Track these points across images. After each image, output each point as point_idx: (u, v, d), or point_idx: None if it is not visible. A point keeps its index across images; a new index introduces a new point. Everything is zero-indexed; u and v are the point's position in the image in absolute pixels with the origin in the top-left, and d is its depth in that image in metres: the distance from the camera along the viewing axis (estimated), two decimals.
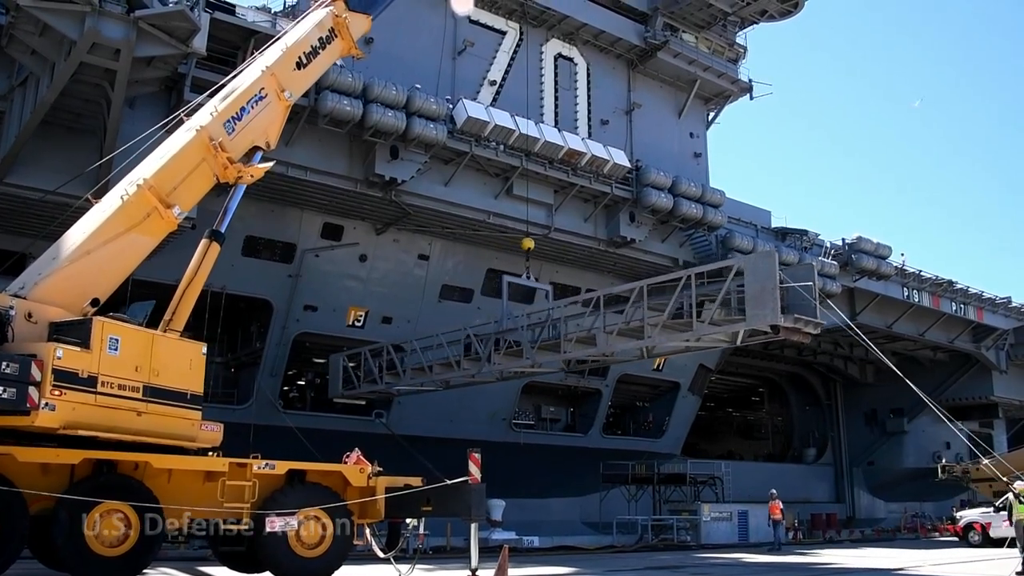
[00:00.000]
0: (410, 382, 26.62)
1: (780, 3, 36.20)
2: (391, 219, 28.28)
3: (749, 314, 19.44)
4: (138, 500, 12.34)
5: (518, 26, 31.14)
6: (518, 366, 24.43)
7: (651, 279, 22.49)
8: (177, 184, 13.93)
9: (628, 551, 30.71)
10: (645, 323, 21.31)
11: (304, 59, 16.40)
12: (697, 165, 35.94)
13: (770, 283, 19.07)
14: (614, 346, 22.34)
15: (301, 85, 16.76)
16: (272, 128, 15.74)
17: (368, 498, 15.11)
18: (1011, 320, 48.94)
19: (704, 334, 20.61)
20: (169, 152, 14.17)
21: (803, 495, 48.06)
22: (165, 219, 13.71)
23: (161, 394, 13.05)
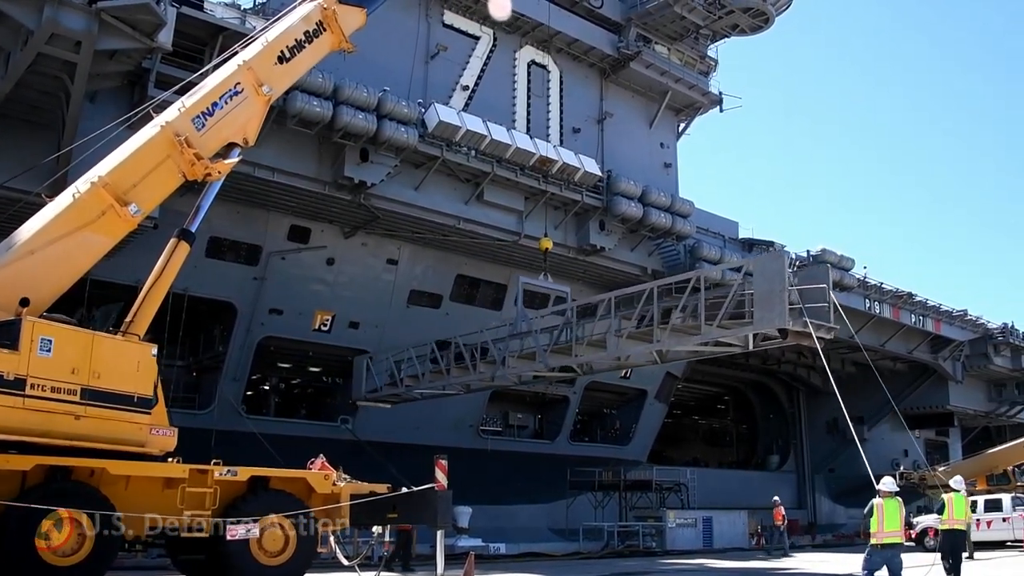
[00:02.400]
0: (429, 385, 26.47)
1: (751, 18, 36.60)
2: (360, 223, 28.01)
3: (757, 317, 19.03)
4: (93, 507, 11.98)
5: (492, 32, 31.07)
6: (532, 370, 24.21)
7: (661, 280, 22.39)
8: (137, 181, 13.36)
9: (594, 557, 30.69)
10: (656, 326, 20.81)
11: (287, 53, 15.66)
12: (667, 175, 36.05)
13: (778, 285, 18.67)
14: (625, 350, 21.82)
15: (283, 80, 16.05)
16: (250, 124, 15.09)
17: (333, 505, 14.87)
18: (967, 332, 49.57)
19: (713, 338, 20.02)
20: (129, 148, 13.72)
21: (766, 501, 48.21)
22: (122, 218, 13.17)
23: (102, 397, 12.58)
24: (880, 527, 13.30)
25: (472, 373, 25.24)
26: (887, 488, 13.41)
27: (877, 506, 13.31)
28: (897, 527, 13.39)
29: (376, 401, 28.62)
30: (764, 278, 19.21)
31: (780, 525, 33.62)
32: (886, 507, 13.32)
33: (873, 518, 13.35)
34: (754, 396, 56.07)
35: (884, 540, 13.28)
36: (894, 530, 13.35)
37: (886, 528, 13.29)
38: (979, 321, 50.06)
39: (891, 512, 13.29)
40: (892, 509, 13.31)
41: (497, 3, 30.60)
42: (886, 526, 13.30)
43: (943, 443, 56.10)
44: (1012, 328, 51.06)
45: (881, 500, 13.35)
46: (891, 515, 13.28)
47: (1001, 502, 32.61)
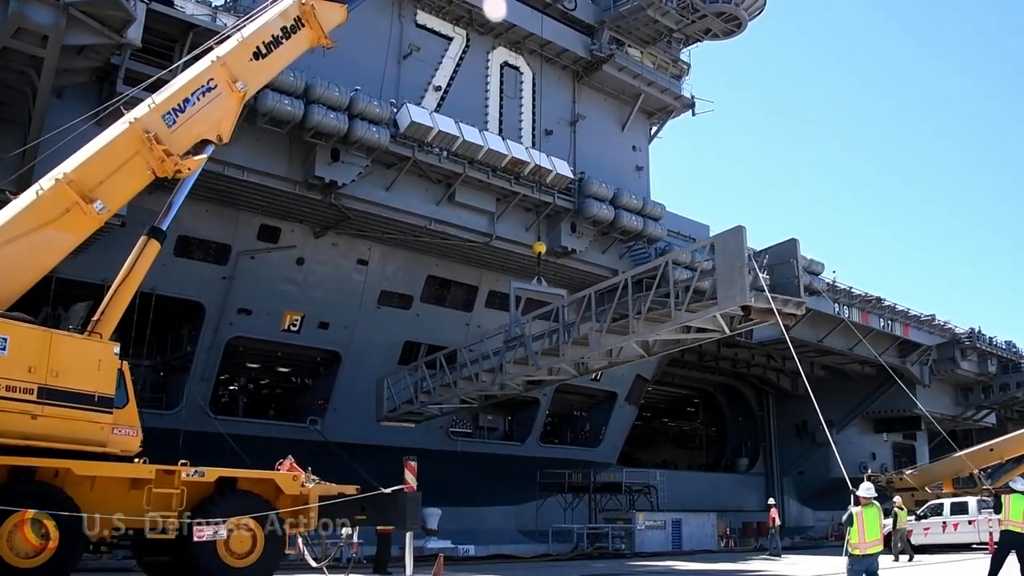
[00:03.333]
0: (438, 399, 26.67)
1: (724, 23, 36.78)
2: (330, 223, 27.84)
3: (720, 296, 18.57)
4: (58, 508, 11.83)
5: (465, 33, 30.98)
6: (526, 374, 24.21)
7: (635, 270, 22.36)
8: (103, 178, 13.17)
9: (563, 559, 30.70)
10: (631, 317, 20.70)
11: (263, 49, 15.45)
12: (639, 178, 36.11)
13: (738, 261, 18.13)
14: (605, 344, 21.68)
15: (259, 77, 15.87)
16: (225, 121, 14.92)
17: (301, 506, 14.77)
18: (935, 336, 50.14)
19: (682, 322, 19.66)
20: (97, 145, 13.51)
21: (735, 504, 48.61)
22: (88, 215, 12.97)
23: (61, 396, 12.44)
24: (861, 537, 12.67)
25: (475, 383, 25.37)
26: (866, 494, 12.84)
27: (856, 514, 12.70)
28: (877, 535, 12.76)
29: (397, 421, 28.67)
30: (725, 256, 18.68)
31: (773, 527, 34.02)
32: (866, 515, 12.69)
33: (853, 527, 12.73)
34: (723, 399, 56.38)
35: (867, 551, 12.67)
36: (875, 539, 12.74)
37: (867, 538, 12.67)
38: (947, 326, 50.69)
39: (871, 520, 12.69)
40: (872, 517, 12.71)
41: (493, 4, 30.66)
42: (867, 535, 12.67)
43: (910, 446, 56.70)
44: (979, 333, 51.74)
45: (860, 508, 12.75)
46: (871, 523, 12.67)
47: (967, 505, 32.97)
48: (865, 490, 12.86)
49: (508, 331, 25.04)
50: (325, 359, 30.88)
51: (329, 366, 30.91)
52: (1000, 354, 53.48)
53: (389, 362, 31.17)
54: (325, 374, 31.27)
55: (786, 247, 19.70)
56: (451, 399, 26.78)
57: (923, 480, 42.02)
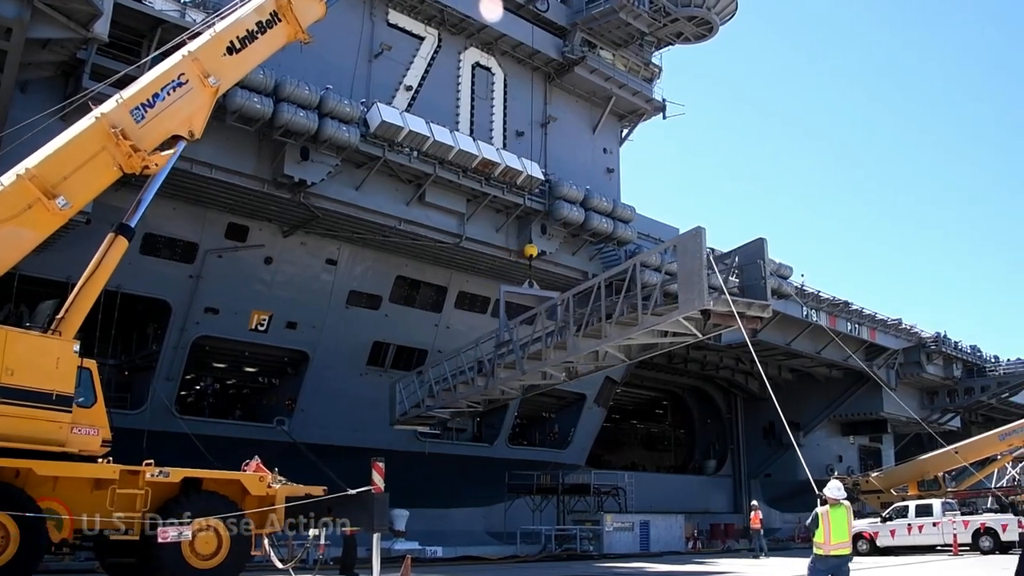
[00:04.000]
0: (442, 403, 26.80)
1: (696, 27, 37.01)
2: (299, 222, 27.64)
3: (681, 300, 18.20)
4: (18, 509, 11.64)
5: (437, 33, 30.85)
6: (515, 379, 24.20)
7: (607, 273, 22.31)
8: (67, 174, 12.96)
9: (531, 561, 30.69)
10: (603, 322, 20.56)
11: (237, 44, 15.18)
12: (609, 180, 36.14)
13: (697, 263, 17.67)
14: (583, 348, 21.50)
15: (233, 72, 15.60)
16: (197, 117, 14.68)
17: (267, 507, 14.65)
18: (901, 340, 50.75)
19: (648, 327, 19.38)
20: (62, 140, 13.32)
21: (703, 506, 48.88)
22: (50, 211, 12.75)
23: (15, 394, 12.27)
24: (827, 537, 11.96)
25: (472, 387, 25.47)
26: (833, 494, 12.14)
27: (822, 515, 12.01)
28: (845, 537, 12.07)
29: (409, 424, 28.93)
30: (685, 258, 18.23)
31: (758, 528, 34.70)
32: (832, 516, 12.00)
33: (819, 528, 12.02)
34: (692, 401, 56.67)
35: (832, 552, 11.97)
36: (842, 540, 12.03)
37: (833, 539, 11.96)
38: (913, 330, 51.29)
39: (838, 520, 11.99)
40: (839, 517, 12.02)
41: (488, 4, 30.66)
42: (833, 536, 11.97)
43: (876, 449, 57.31)
44: (945, 337, 52.40)
45: (826, 508, 12.07)
46: (838, 524, 11.98)
47: (932, 507, 33.34)
48: (833, 490, 12.19)
49: (498, 336, 25.01)
50: (293, 359, 30.68)
51: (297, 366, 30.72)
52: (965, 358, 54.23)
53: (357, 363, 31.07)
54: (293, 374, 31.08)
55: (754, 247, 19.08)
56: (455, 403, 26.86)
57: (889, 482, 42.52)
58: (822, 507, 12.11)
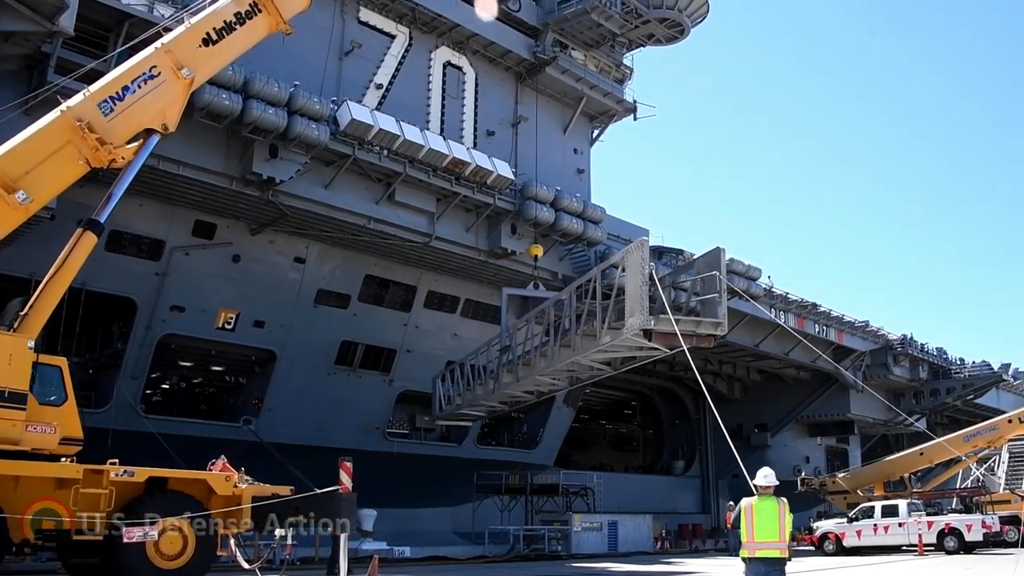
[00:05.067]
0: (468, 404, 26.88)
1: (667, 29, 37.21)
2: (267, 220, 27.43)
3: (627, 318, 17.16)
4: None
5: (408, 31, 30.73)
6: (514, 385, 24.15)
7: (577, 281, 22.27)
8: (30, 168, 12.74)
9: (499, 561, 30.64)
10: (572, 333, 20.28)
11: (214, 35, 14.94)
12: (580, 181, 36.19)
13: (639, 279, 16.56)
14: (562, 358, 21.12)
15: (210, 64, 15.38)
16: (170, 110, 14.48)
17: (234, 507, 14.53)
18: (868, 342, 51.24)
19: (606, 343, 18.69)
20: (25, 133, 13.10)
21: (671, 506, 49.05)
22: (10, 206, 12.57)
23: None
24: (750, 535, 9.99)
25: (485, 390, 25.56)
26: (764, 482, 10.27)
27: (745, 508, 10.11)
28: (773, 536, 9.94)
29: (448, 420, 29.34)
30: (631, 273, 17.05)
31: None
32: (757, 509, 10.03)
33: (742, 524, 10.13)
34: (661, 402, 56.88)
35: (757, 553, 9.96)
36: (769, 540, 9.94)
37: (757, 536, 9.95)
38: (880, 332, 51.81)
39: (765, 515, 9.98)
40: (767, 511, 9.99)
41: (484, 3, 30.82)
42: (757, 533, 9.96)
43: (843, 450, 57.82)
44: (911, 339, 52.97)
45: (752, 500, 10.15)
46: (765, 519, 9.96)
47: (897, 508, 33.67)
48: (761, 478, 10.31)
49: (500, 340, 24.97)
50: (260, 358, 30.45)
51: (264, 365, 30.51)
52: (931, 360, 54.83)
53: (326, 362, 30.90)
54: (260, 373, 30.86)
55: (711, 257, 17.81)
56: (479, 404, 26.94)
57: (855, 483, 42.88)
58: (747, 499, 10.21)
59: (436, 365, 33.95)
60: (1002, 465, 42.25)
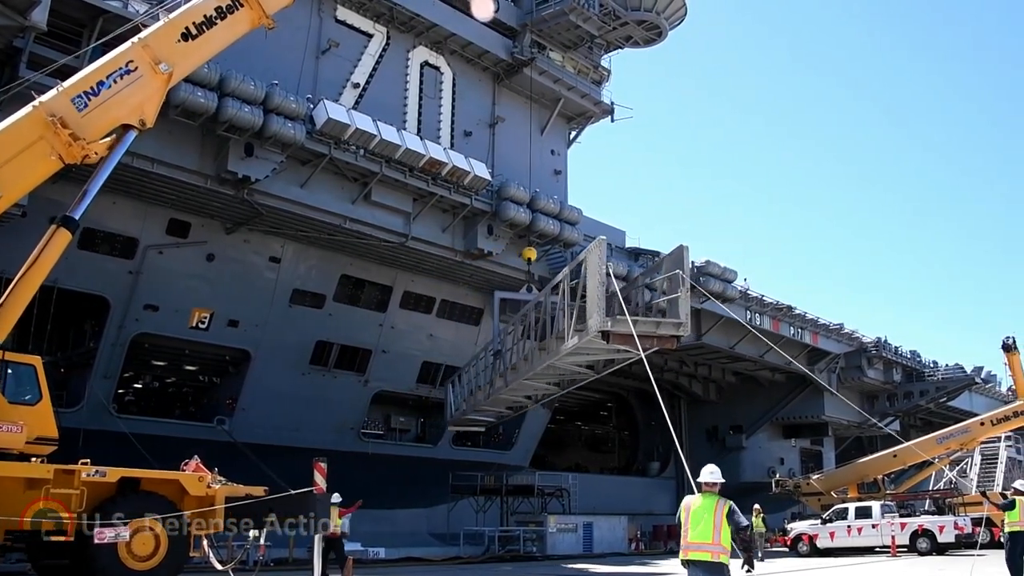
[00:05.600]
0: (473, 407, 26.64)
1: (645, 31, 37.38)
2: (242, 219, 27.24)
3: (587, 320, 16.62)
4: None
5: (385, 30, 30.60)
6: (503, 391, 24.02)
7: (551, 282, 22.18)
8: (1, 164, 12.51)
9: (475, 562, 30.63)
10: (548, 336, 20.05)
11: (193, 30, 14.60)
12: (556, 182, 36.21)
13: (596, 280, 16.03)
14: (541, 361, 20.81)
15: (189, 58, 15.03)
16: (148, 105, 14.21)
17: (207, 508, 14.41)
18: (843, 345, 51.59)
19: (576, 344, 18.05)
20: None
21: (646, 507, 49.12)
22: None
23: None
24: (685, 535, 9.14)
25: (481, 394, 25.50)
26: (708, 479, 9.41)
27: (684, 507, 9.28)
28: (707, 537, 8.98)
29: (461, 425, 29.16)
30: (590, 273, 16.62)
31: None
32: (695, 508, 9.19)
33: (680, 523, 9.29)
34: (636, 403, 56.96)
35: (689, 555, 9.05)
36: (702, 541, 9.00)
37: (691, 537, 9.07)
38: (854, 335, 52.21)
39: (701, 515, 9.10)
40: (704, 511, 9.12)
41: (480, 4, 30.80)
42: (691, 534, 9.07)
43: (817, 452, 58.19)
44: (885, 342, 53.40)
45: (692, 498, 9.35)
46: (701, 519, 9.08)
47: (871, 509, 33.91)
48: (707, 474, 9.44)
49: (492, 344, 24.89)
50: (234, 358, 30.24)
51: (238, 365, 30.29)
52: (905, 363, 55.30)
53: (300, 362, 30.73)
54: (234, 373, 30.64)
55: (676, 256, 17.17)
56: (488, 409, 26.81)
57: (829, 485, 43.15)
58: (689, 498, 9.40)
59: (411, 366, 33.92)
60: (974, 467, 42.68)
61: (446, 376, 35.49)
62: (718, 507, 9.04)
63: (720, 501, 9.10)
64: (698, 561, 8.97)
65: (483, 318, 35.35)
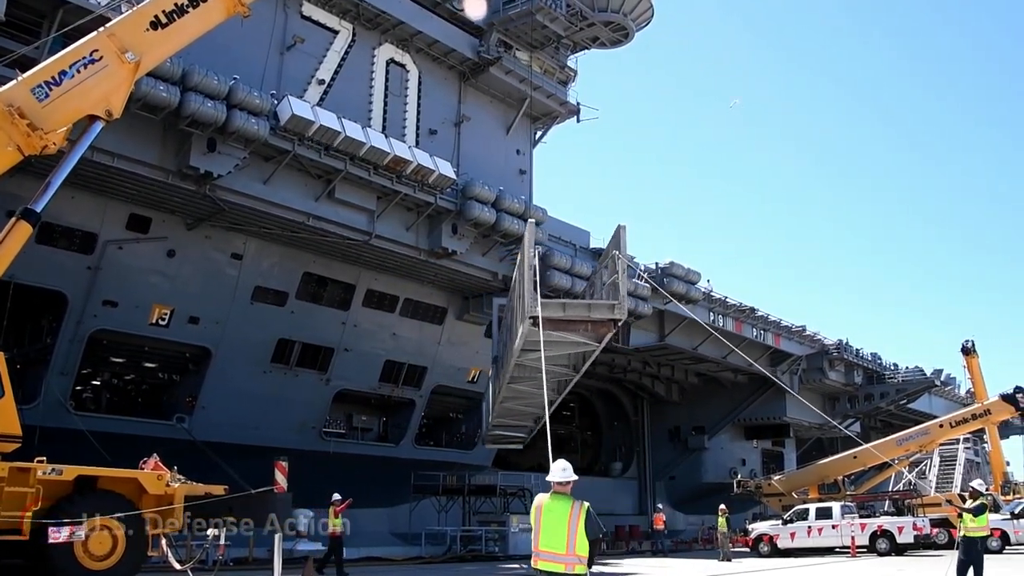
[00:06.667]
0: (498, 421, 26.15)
1: (611, 32, 37.44)
2: (204, 214, 26.93)
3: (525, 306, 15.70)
4: None
5: (351, 27, 30.41)
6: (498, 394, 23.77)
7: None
8: None
9: (436, 562, 30.59)
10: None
11: (163, 18, 14.19)
12: (522, 182, 36.22)
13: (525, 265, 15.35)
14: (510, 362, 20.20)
15: (159, 48, 14.64)
16: (115, 95, 13.90)
17: (165, 507, 14.24)
18: (805, 347, 52.10)
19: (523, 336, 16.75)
20: None
21: (608, 508, 49.22)
22: None
23: None
24: (535, 541, 7.86)
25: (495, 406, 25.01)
26: (557, 477, 7.99)
27: (536, 508, 7.95)
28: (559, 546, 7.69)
29: (496, 443, 29.01)
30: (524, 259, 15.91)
31: (662, 529, 37.73)
32: (547, 510, 7.86)
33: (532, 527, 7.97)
34: (599, 404, 57.15)
35: (539, 563, 7.81)
36: (553, 550, 7.72)
37: (541, 543, 7.79)
38: (816, 337, 52.75)
39: (553, 519, 7.80)
40: (557, 514, 7.79)
41: (473, 3, 30.77)
42: (542, 540, 7.79)
43: (779, 453, 58.72)
44: (847, 344, 54.03)
45: (544, 499, 7.96)
46: (552, 524, 7.78)
47: (831, 510, 34.27)
48: (558, 472, 8.05)
49: (492, 352, 24.78)
50: (195, 355, 29.91)
51: (199, 362, 29.96)
52: (866, 365, 55.97)
53: (262, 360, 30.46)
54: (194, 371, 30.30)
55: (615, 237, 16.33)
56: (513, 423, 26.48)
57: (790, 486, 43.59)
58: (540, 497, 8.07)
59: (374, 365, 33.74)
60: (933, 469, 43.32)
61: (409, 375, 35.44)
62: (573, 512, 7.77)
63: (575, 505, 7.83)
64: (550, 573, 7.79)
65: (447, 317, 35.28)
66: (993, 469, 45.91)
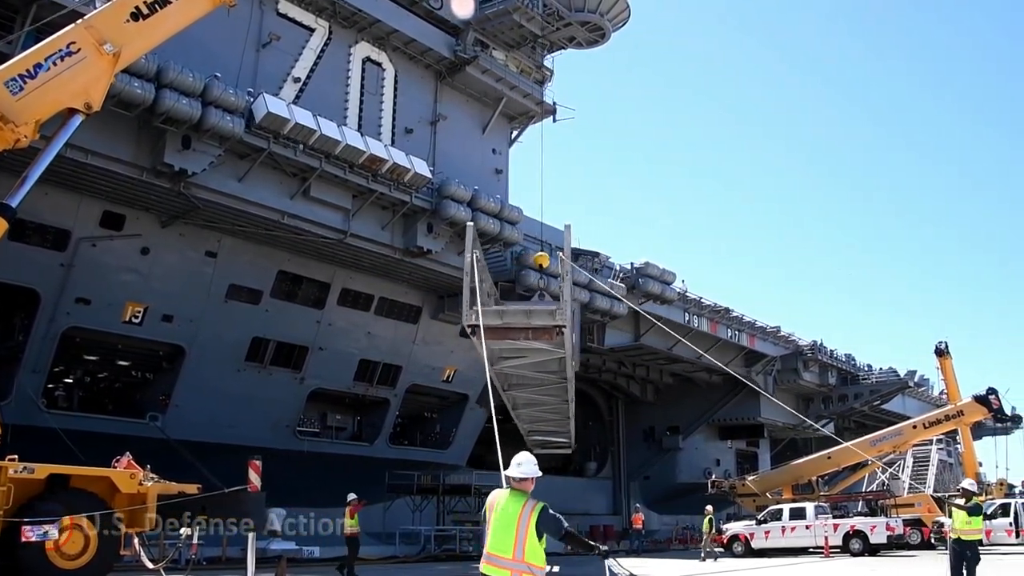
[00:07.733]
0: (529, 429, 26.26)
1: (588, 32, 37.55)
2: (178, 212, 26.78)
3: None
4: None
5: (328, 25, 30.31)
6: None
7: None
8: None
9: (411, 561, 30.59)
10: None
11: (145, 9, 13.84)
12: (498, 181, 36.24)
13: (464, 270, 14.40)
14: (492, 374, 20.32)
15: (141, 39, 14.30)
16: (94, 88, 13.61)
17: (138, 506, 14.17)
18: (779, 348, 52.45)
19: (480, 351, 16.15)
20: None
21: (583, 507, 49.44)
22: None
23: None
24: (486, 542, 6.91)
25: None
26: (515, 473, 7.02)
27: (489, 505, 7.02)
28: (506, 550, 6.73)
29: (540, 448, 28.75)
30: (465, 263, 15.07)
31: (641, 529, 38.29)
32: (497, 509, 6.91)
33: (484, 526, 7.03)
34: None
35: (484, 566, 6.81)
36: (500, 554, 6.76)
37: (490, 546, 6.82)
38: (791, 338, 53.11)
39: (505, 519, 6.83)
40: (508, 515, 6.84)
41: (460, 2, 30.88)
42: (491, 543, 6.82)
43: (753, 453, 59.06)
44: (821, 345, 54.42)
45: (499, 496, 7.02)
46: (503, 524, 6.82)
47: (805, 510, 34.52)
48: (515, 467, 7.08)
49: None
50: (168, 353, 29.74)
51: (172, 361, 29.78)
52: (840, 366, 56.42)
53: (236, 358, 30.33)
54: (168, 369, 30.11)
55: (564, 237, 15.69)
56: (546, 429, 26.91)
57: (764, 486, 43.86)
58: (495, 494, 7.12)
59: (349, 363, 33.67)
60: (907, 469, 43.68)
61: (383, 374, 35.39)
62: (524, 512, 6.78)
63: (528, 504, 6.85)
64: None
65: (422, 316, 35.25)
66: (966, 470, 46.24)
